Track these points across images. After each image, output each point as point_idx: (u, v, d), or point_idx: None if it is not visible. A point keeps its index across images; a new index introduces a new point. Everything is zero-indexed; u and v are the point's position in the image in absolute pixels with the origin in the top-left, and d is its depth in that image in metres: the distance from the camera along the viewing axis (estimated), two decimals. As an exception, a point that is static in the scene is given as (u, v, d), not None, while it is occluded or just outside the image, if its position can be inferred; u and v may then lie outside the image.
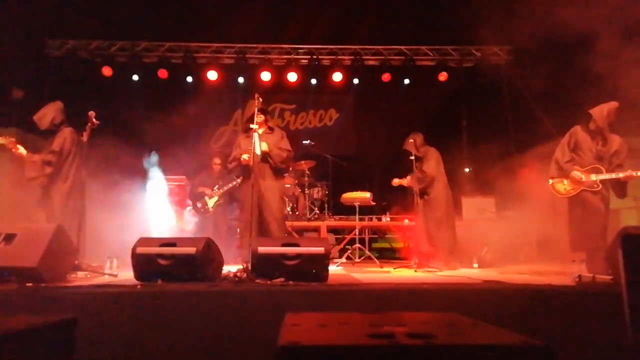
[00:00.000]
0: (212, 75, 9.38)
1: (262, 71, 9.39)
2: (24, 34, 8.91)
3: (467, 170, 9.49)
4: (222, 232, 6.47)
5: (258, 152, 4.90)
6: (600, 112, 4.46)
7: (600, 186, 4.42)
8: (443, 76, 9.36)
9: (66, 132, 4.68)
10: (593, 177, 4.45)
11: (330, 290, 3.08)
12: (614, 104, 4.46)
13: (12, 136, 4.65)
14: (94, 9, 8.15)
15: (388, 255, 7.75)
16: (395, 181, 5.93)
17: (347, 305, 2.90)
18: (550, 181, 4.72)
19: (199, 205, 6.58)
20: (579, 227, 4.50)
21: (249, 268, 3.56)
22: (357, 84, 9.62)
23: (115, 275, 3.99)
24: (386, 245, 8.37)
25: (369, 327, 1.53)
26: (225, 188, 6.54)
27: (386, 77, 9.41)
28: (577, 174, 4.49)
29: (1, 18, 8.09)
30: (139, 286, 3.16)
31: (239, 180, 5.75)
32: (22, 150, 4.51)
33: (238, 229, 6.24)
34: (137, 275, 3.41)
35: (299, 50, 9.56)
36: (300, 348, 1.24)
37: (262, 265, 3.46)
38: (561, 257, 5.13)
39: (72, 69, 9.30)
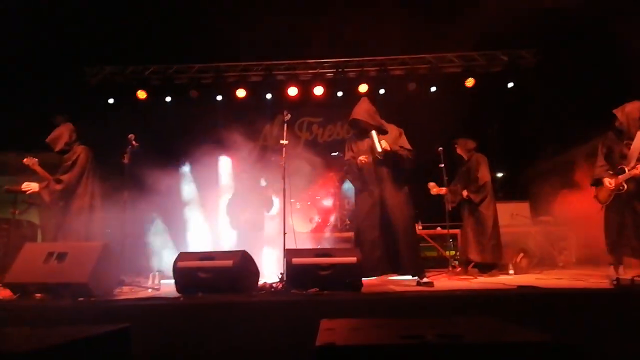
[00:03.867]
0: (240, 93, 9.66)
1: (289, 86, 9.59)
2: (64, 63, 9.46)
3: (499, 175, 9.38)
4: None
5: (379, 149, 4.31)
6: (622, 111, 4.45)
7: (626, 186, 4.39)
8: (470, 82, 9.32)
9: (79, 150, 4.82)
10: (621, 178, 4.43)
11: (364, 299, 3.15)
12: (636, 103, 4.45)
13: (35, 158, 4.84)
14: (128, 35, 8.58)
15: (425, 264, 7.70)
16: (434, 190, 5.76)
17: (381, 313, 2.97)
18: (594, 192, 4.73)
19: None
20: (614, 229, 4.48)
21: (284, 279, 3.67)
22: (383, 94, 9.69)
23: (158, 289, 4.18)
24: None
25: (400, 329, 1.61)
26: None
27: (412, 86, 9.45)
28: (606, 180, 4.51)
29: (42, 49, 8.62)
30: (181, 298, 3.32)
31: None
32: (40, 170, 4.68)
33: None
34: (179, 288, 3.57)
35: (324, 64, 9.73)
36: (335, 348, 1.33)
37: (296, 276, 3.57)
38: (601, 261, 5.04)
39: (109, 94, 9.77)
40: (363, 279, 3.69)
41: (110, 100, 9.74)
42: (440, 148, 5.68)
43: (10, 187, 4.85)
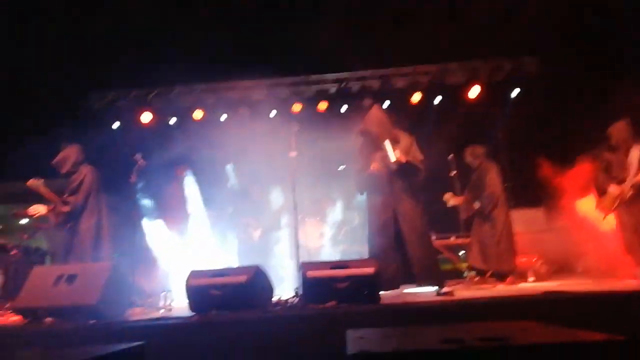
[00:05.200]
0: (243, 112, 9.65)
1: (294, 103, 9.58)
2: (69, 89, 9.53)
3: (510, 182, 9.28)
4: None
5: (393, 159, 4.21)
6: (613, 129, 4.89)
7: (631, 192, 4.60)
8: (474, 92, 9.28)
9: (85, 171, 4.77)
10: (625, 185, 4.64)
11: (384, 310, 3.03)
12: (621, 122, 4.85)
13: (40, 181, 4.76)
14: (132, 59, 8.64)
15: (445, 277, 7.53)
16: (451, 202, 5.67)
17: (404, 324, 2.84)
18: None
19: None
20: (631, 230, 4.61)
21: (300, 293, 3.55)
22: (389, 106, 9.65)
23: (170, 309, 4.06)
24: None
25: (435, 335, 1.50)
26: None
27: (416, 97, 9.42)
28: (610, 187, 4.77)
29: (46, 75, 8.70)
30: (194, 317, 3.21)
31: None
32: (46, 192, 4.62)
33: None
34: (193, 307, 3.46)
35: (327, 79, 9.73)
36: (371, 355, 1.23)
37: (313, 290, 3.46)
38: (618, 266, 4.94)
39: (113, 118, 9.80)
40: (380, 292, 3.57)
41: (115, 124, 9.76)
42: (451, 155, 5.60)
43: (18, 212, 4.78)
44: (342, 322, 2.89)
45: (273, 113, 9.78)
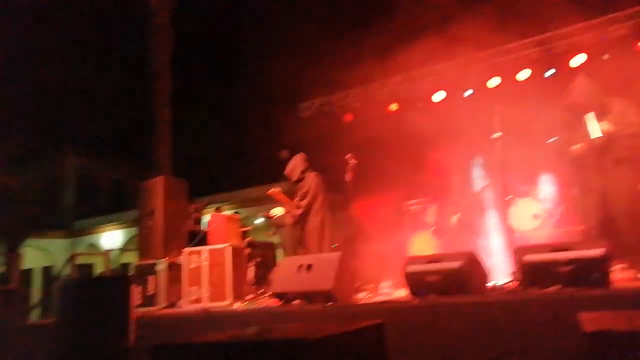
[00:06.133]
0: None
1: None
2: (284, 102, 11.07)
3: None
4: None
5: (594, 135, 3.93)
6: None
7: None
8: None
9: (311, 177, 5.49)
10: None
11: (612, 295, 2.79)
12: None
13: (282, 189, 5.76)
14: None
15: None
16: None
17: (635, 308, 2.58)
18: None
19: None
20: None
21: (518, 278, 3.49)
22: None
23: (391, 294, 4.45)
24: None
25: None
26: None
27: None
28: None
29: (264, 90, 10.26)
30: (415, 301, 3.48)
31: None
32: (284, 198, 5.48)
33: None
34: (412, 291, 3.74)
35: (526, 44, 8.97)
36: (612, 334, 1.27)
37: (532, 274, 3.37)
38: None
39: (320, 123, 10.93)
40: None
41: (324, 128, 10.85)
42: None
43: (266, 214, 5.86)
44: (568, 306, 2.78)
45: (468, 92, 9.50)
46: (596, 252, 3.17)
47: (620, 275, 3.62)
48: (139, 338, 2.44)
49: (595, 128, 3.87)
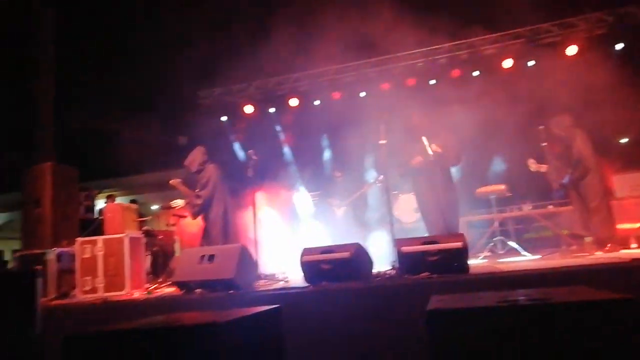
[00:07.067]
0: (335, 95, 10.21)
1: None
2: (181, 89, 10.87)
3: (623, 141, 8.80)
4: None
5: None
6: None
7: None
8: (572, 50, 8.84)
9: (210, 168, 5.68)
10: None
11: (470, 279, 3.44)
12: None
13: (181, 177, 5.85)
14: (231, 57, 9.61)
15: (540, 244, 7.57)
16: (533, 166, 5.74)
17: (487, 289, 3.23)
18: None
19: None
20: None
21: (397, 266, 4.08)
22: (477, 76, 9.56)
23: (287, 281, 4.83)
24: (534, 235, 8.16)
25: (499, 298, 1.94)
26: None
27: (508, 63, 9.22)
28: None
29: (162, 76, 10.02)
30: (309, 287, 3.89)
31: None
32: (183, 188, 5.63)
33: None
34: (307, 279, 4.15)
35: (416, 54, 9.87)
36: (443, 310, 1.73)
37: (407, 263, 3.96)
38: None
39: (220, 113, 10.93)
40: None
41: (223, 118, 10.87)
42: (542, 127, 5.64)
43: (164, 205, 5.87)
44: (434, 290, 3.37)
45: (363, 94, 10.21)
46: (457, 244, 3.85)
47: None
48: (44, 328, 2.50)
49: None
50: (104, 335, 2.08)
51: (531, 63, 9.24)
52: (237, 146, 10.30)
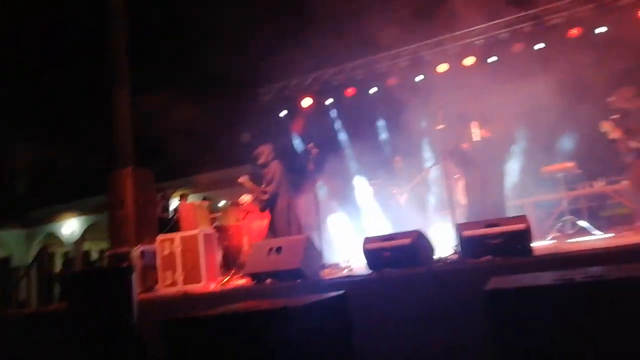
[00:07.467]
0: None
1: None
2: (242, 88, 11.31)
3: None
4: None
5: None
6: None
7: None
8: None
9: (274, 166, 5.96)
10: None
11: (532, 261, 3.41)
12: None
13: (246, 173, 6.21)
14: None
15: (616, 222, 7.17)
16: (605, 127, 5.29)
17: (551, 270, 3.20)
18: None
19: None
20: None
21: (458, 251, 4.10)
22: (540, 49, 9.11)
23: (352, 269, 5.00)
24: (610, 213, 7.73)
25: (557, 276, 1.98)
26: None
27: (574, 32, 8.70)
28: None
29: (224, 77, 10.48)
30: (373, 274, 4.02)
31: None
32: (251, 185, 5.94)
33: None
34: (370, 266, 4.29)
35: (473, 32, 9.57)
36: (501, 290, 1.80)
37: (469, 247, 3.97)
38: None
39: (279, 108, 11.25)
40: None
41: (282, 113, 11.17)
42: (611, 98, 5.35)
43: (234, 201, 6.26)
44: (495, 273, 3.38)
45: (419, 77, 10.06)
46: (520, 226, 3.81)
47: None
48: (141, 317, 2.84)
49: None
50: (195, 320, 2.36)
51: (601, 30, 8.63)
52: (296, 140, 10.54)
